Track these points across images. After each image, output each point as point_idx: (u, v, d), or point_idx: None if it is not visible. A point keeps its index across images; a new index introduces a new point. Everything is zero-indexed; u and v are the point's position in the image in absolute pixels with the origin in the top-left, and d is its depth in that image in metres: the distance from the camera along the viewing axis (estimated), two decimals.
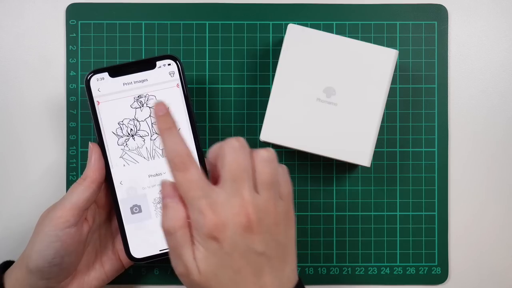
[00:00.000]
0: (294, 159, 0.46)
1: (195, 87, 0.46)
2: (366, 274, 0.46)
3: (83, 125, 0.46)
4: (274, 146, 0.46)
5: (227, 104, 0.46)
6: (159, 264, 0.46)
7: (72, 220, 0.37)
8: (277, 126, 0.41)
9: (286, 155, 0.46)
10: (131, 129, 0.40)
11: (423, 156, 0.46)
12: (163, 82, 0.41)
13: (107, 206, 0.42)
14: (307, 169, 0.46)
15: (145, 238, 0.41)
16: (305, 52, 0.41)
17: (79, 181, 0.39)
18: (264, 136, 0.41)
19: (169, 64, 0.41)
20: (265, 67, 0.46)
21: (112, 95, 0.40)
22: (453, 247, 0.46)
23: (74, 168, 0.46)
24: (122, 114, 0.40)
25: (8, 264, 0.41)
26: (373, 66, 0.41)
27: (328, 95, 0.41)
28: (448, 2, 0.47)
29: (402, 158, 0.46)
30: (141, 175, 0.41)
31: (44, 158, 0.46)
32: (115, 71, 0.40)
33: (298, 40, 0.41)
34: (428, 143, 0.46)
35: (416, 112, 0.46)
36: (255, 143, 0.46)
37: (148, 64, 0.41)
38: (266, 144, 0.46)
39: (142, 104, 0.40)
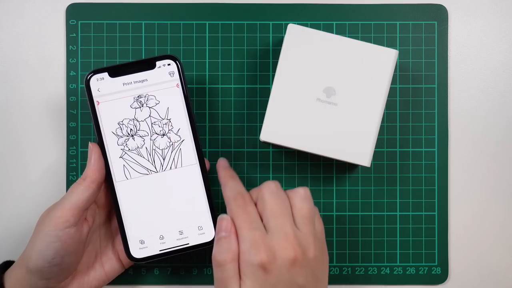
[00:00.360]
0: (294, 159, 0.46)
1: (195, 87, 0.46)
2: (366, 274, 0.46)
3: (83, 125, 0.46)
4: (274, 146, 0.46)
5: (227, 104, 0.46)
6: (159, 264, 0.46)
7: (72, 220, 0.37)
8: (277, 126, 0.41)
9: (286, 155, 0.46)
10: (130, 129, 0.40)
11: (423, 156, 0.46)
12: (163, 82, 0.41)
13: (107, 206, 0.42)
14: (307, 169, 0.46)
15: (145, 238, 0.41)
16: (305, 52, 0.41)
17: (79, 181, 0.39)
18: (264, 136, 0.41)
19: (169, 64, 0.41)
20: (265, 67, 0.46)
21: (112, 95, 0.40)
22: (453, 247, 0.46)
23: (74, 168, 0.46)
24: (121, 114, 0.40)
25: (8, 264, 0.41)
26: (373, 66, 0.41)
27: (328, 95, 0.41)
28: (448, 2, 0.47)
29: (402, 158, 0.46)
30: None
31: (44, 158, 0.46)
32: (115, 71, 0.40)
33: (298, 40, 0.41)
34: (428, 143, 0.46)
35: (416, 112, 0.46)
36: (255, 143, 0.46)
37: (148, 64, 0.41)
38: (266, 144, 0.46)
39: (142, 104, 0.40)
